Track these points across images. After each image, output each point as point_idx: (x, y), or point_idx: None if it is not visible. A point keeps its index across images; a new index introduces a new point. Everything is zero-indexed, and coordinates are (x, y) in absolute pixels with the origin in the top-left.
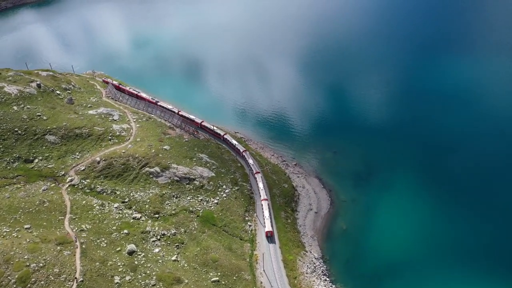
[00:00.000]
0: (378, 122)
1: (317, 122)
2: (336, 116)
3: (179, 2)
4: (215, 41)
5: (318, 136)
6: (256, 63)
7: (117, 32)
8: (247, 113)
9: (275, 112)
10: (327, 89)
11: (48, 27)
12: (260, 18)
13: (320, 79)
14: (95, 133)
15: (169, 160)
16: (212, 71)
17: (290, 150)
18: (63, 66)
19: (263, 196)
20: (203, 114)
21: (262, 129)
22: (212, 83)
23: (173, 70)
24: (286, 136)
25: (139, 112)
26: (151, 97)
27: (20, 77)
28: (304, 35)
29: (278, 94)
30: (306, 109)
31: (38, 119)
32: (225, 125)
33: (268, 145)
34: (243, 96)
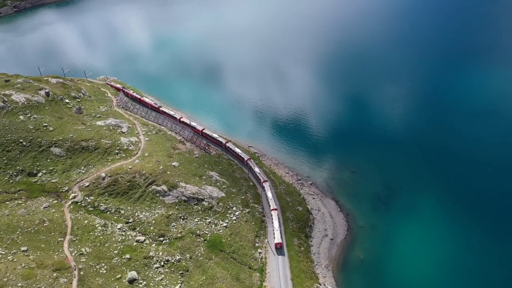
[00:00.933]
0: (400, 139)
1: (335, 137)
2: (355, 131)
3: (198, 5)
4: (233, 46)
5: (336, 153)
6: (273, 70)
7: (134, 35)
8: (262, 125)
9: (291, 125)
10: (346, 101)
11: (64, 29)
12: (279, 23)
13: (339, 90)
14: (102, 146)
15: (177, 178)
16: (228, 78)
17: (306, 168)
18: (77, 70)
19: (272, 205)
20: (217, 124)
21: (277, 143)
22: (227, 91)
23: (188, 75)
24: (302, 151)
25: (149, 124)
26: (154, 102)
27: (29, 85)
28: (323, 41)
29: (294, 105)
30: (323, 122)
31: (44, 130)
32: (238, 138)
33: (283, 161)
34: (258, 106)
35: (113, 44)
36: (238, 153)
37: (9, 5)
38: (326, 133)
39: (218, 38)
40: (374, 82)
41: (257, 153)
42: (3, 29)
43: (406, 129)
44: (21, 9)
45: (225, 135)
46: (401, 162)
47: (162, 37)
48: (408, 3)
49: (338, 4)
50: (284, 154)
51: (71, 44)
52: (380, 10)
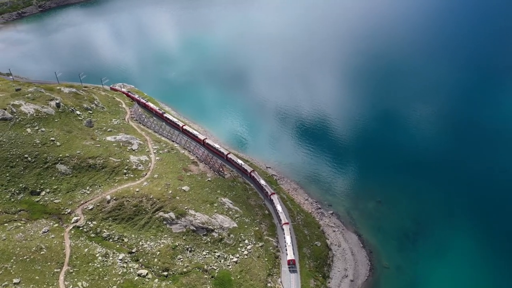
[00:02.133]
0: (433, 165)
1: (360, 160)
2: (383, 154)
3: (224, 9)
4: (258, 53)
5: (361, 178)
6: (297, 82)
7: (156, 40)
8: (282, 143)
9: (313, 145)
10: (374, 119)
11: (85, 31)
12: (306, 29)
13: (367, 107)
14: (110, 164)
15: (186, 204)
16: (251, 89)
17: (327, 195)
18: (94, 76)
19: (283, 219)
20: (234, 142)
21: (297, 165)
22: (249, 104)
23: (208, 84)
24: (323, 175)
25: (161, 141)
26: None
27: (40, 94)
28: (352, 50)
29: (318, 122)
30: (348, 142)
31: (51, 145)
32: (256, 157)
33: (303, 185)
34: (280, 122)
35: (134, 49)
36: (240, 165)
37: (34, 4)
38: (351, 155)
39: (243, 44)
40: (406, 99)
41: (275, 175)
42: (27, 29)
43: (440, 154)
44: (46, 8)
45: (242, 153)
46: (433, 193)
47: (185, 42)
48: (450, 13)
49: (372, 11)
50: (304, 177)
51: (92, 47)
52: (420, 19)
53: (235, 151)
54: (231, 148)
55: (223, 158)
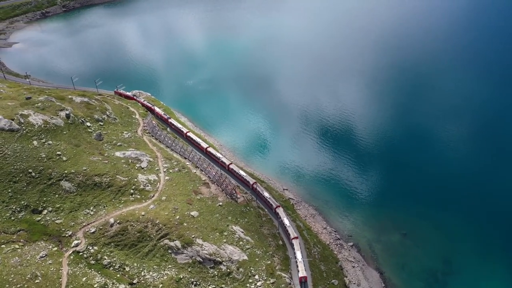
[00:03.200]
0: (467, 197)
1: (385, 186)
2: (411, 180)
3: (248, 12)
4: (283, 61)
5: (385, 207)
6: (324, 95)
7: (178, 43)
8: (302, 164)
9: (335, 167)
10: (402, 141)
11: (106, 33)
12: (337, 38)
13: (394, 125)
14: (117, 183)
15: (194, 232)
16: (273, 101)
17: (348, 223)
18: (111, 82)
19: (292, 234)
20: (251, 158)
21: (317, 188)
22: (270, 118)
23: (228, 94)
24: (345, 201)
25: (172, 158)
26: (163, 112)
27: (50, 104)
28: (383, 63)
29: (341, 143)
30: (373, 167)
31: (57, 160)
32: (273, 177)
33: (321, 211)
34: (300, 142)
35: (153, 53)
36: (242, 176)
37: (58, 4)
38: (375, 179)
39: (265, 51)
40: (438, 116)
41: (292, 199)
42: (49, 29)
43: (477, 183)
44: (69, 9)
45: (258, 172)
46: (467, 228)
47: (206, 47)
48: (490, 23)
49: (405, 20)
50: (323, 201)
51: (111, 50)
52: (464, 29)
53: (251, 169)
54: (248, 166)
55: (224, 168)
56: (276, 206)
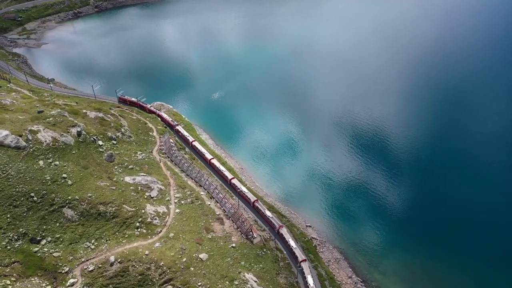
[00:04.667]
0: None
1: (425, 234)
2: (457, 226)
3: (282, 20)
4: (318, 74)
5: (421, 257)
6: (362, 117)
7: (207, 51)
8: (330, 198)
9: (366, 204)
10: (450, 179)
11: (135, 36)
12: (378, 50)
13: (440, 157)
14: (123, 214)
15: (201, 279)
16: (305, 119)
17: (376, 272)
18: (133, 91)
19: (300, 256)
20: (274, 185)
21: (344, 226)
22: (300, 139)
23: (256, 110)
24: (375, 247)
25: (186, 186)
26: (171, 119)
27: (62, 119)
28: (427, 83)
29: (375, 180)
30: (410, 211)
31: (62, 184)
32: (296, 211)
33: (347, 255)
34: (330, 172)
35: (181, 60)
36: (243, 193)
37: (91, 4)
38: (411, 221)
39: (300, 61)
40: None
41: (315, 239)
42: (79, 30)
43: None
44: (102, 9)
45: (280, 203)
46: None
47: (236, 56)
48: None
49: (455, 34)
50: (350, 243)
51: (137, 55)
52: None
53: (271, 199)
54: (269, 195)
55: (226, 182)
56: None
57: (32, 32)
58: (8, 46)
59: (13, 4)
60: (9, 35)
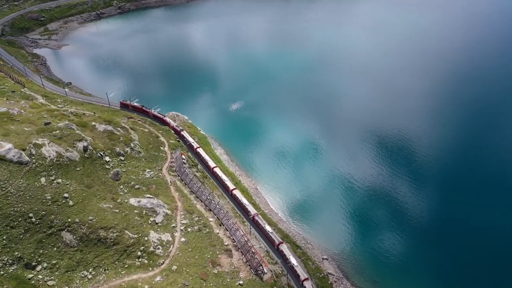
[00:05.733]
0: None
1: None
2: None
3: (314, 25)
4: (346, 85)
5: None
6: (394, 139)
7: (228, 57)
8: (351, 228)
9: (390, 241)
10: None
11: (156, 40)
12: (408, 62)
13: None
14: (124, 241)
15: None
16: (328, 137)
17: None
18: (149, 99)
19: (302, 275)
20: (291, 210)
21: (364, 263)
22: (323, 158)
23: (278, 123)
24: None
25: (194, 211)
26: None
27: (69, 132)
28: (463, 100)
29: (403, 211)
30: (440, 244)
31: (62, 204)
32: (313, 240)
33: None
34: (355, 194)
35: (202, 67)
36: (244, 205)
37: (114, 6)
38: (442, 259)
39: (327, 68)
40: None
41: (331, 274)
42: (101, 32)
43: None
44: (124, 10)
45: (294, 231)
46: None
47: (260, 63)
48: None
49: (495, 50)
50: (370, 283)
51: (157, 60)
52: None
53: (287, 225)
54: (284, 221)
55: (228, 193)
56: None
57: (54, 32)
58: (29, 47)
59: (37, 4)
60: (30, 35)
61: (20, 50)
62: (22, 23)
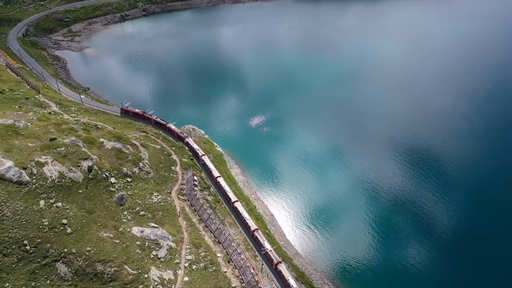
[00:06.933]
0: None
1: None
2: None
3: (344, 34)
4: (381, 101)
5: None
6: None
7: (251, 66)
8: (375, 267)
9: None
10: None
11: (177, 45)
12: (453, 79)
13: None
14: (122, 278)
15: None
16: (358, 162)
17: None
18: (165, 112)
19: None
20: (308, 245)
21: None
22: (350, 186)
23: (300, 143)
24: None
25: (201, 245)
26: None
27: (75, 150)
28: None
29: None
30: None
31: (60, 231)
32: (331, 274)
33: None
34: (381, 230)
35: (221, 76)
36: (244, 219)
37: (139, 8)
38: None
39: (358, 80)
40: None
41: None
42: (124, 35)
43: None
44: (149, 13)
45: (316, 269)
46: None
47: (283, 74)
48: None
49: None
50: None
51: (176, 66)
52: None
53: (303, 261)
54: (300, 255)
55: (230, 205)
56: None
57: (77, 34)
58: (51, 48)
59: (62, 4)
60: (54, 36)
61: (42, 51)
62: (46, 24)
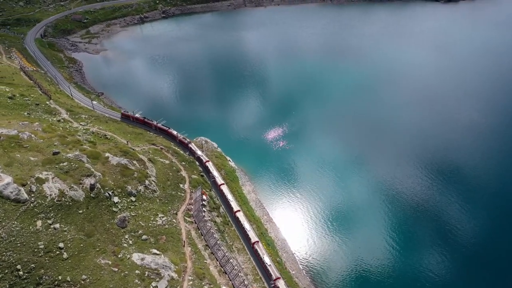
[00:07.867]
0: None
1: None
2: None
3: (366, 40)
4: (402, 113)
5: None
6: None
7: (273, 70)
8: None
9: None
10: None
11: (195, 51)
12: (478, 86)
13: None
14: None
15: None
16: (384, 183)
17: None
18: (177, 123)
19: None
20: (321, 273)
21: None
22: (374, 210)
23: (317, 162)
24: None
25: (205, 277)
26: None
27: (78, 165)
28: None
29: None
30: None
31: (55, 256)
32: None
33: None
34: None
35: (235, 83)
36: (245, 230)
37: (159, 10)
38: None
39: (380, 91)
40: None
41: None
42: (142, 37)
43: None
44: (169, 15)
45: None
46: None
47: (306, 80)
48: None
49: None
50: None
51: (192, 73)
52: None
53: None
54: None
55: (231, 214)
56: None
57: (95, 36)
58: (68, 50)
59: (82, 5)
60: (71, 37)
61: (58, 53)
62: (65, 25)
